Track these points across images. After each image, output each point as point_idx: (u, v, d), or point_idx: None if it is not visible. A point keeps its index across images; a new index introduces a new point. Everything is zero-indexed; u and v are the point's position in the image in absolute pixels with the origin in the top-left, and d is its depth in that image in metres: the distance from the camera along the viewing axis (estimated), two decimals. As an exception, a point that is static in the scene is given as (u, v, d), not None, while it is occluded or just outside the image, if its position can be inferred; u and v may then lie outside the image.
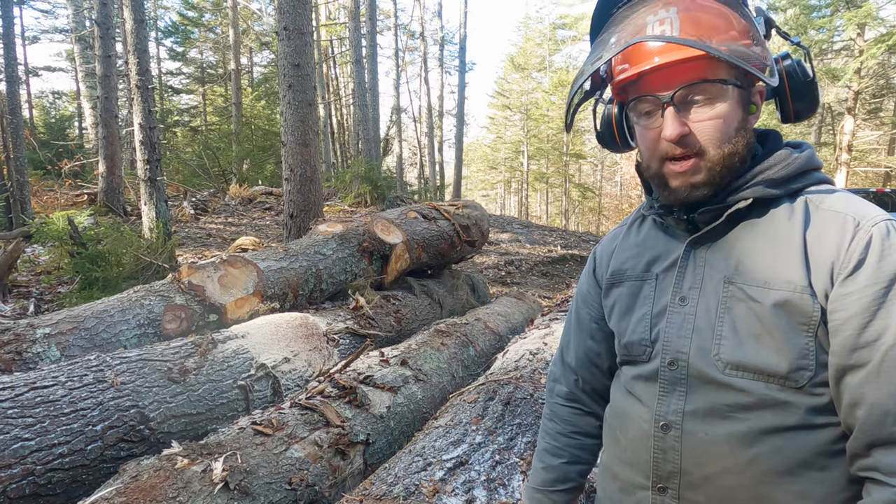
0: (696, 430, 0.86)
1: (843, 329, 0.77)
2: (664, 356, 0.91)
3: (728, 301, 0.86)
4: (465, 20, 20.79)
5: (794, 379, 0.80)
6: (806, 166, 0.90)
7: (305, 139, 5.94)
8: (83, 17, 15.69)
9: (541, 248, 11.47)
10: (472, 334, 3.72)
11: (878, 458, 0.74)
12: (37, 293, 4.94)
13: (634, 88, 0.91)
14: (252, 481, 1.85)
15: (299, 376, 2.82)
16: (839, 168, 16.25)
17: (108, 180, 9.24)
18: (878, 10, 14.25)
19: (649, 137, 0.91)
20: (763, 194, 0.87)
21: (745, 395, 0.82)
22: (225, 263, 3.31)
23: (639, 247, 1.04)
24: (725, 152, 0.86)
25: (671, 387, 0.90)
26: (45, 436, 1.92)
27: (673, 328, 0.91)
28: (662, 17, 0.84)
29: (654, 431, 0.90)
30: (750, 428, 0.82)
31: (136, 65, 6.00)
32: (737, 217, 0.89)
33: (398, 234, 4.32)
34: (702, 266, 0.91)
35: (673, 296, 0.93)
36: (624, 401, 1.01)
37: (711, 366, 0.85)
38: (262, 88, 21.41)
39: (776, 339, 0.81)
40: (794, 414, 0.80)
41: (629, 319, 1.00)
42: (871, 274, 0.76)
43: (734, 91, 0.86)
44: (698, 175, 0.88)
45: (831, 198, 0.86)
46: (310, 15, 6.15)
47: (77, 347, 2.62)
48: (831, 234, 0.81)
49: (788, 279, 0.81)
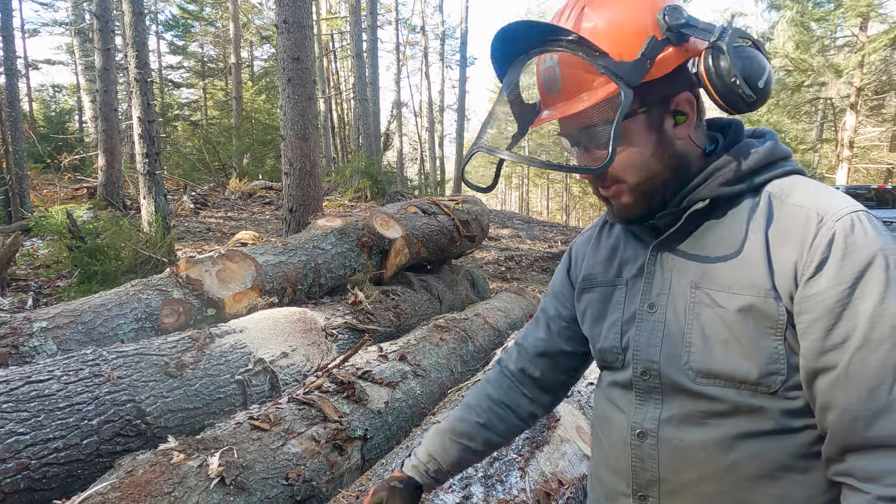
0: (672, 437, 0.85)
1: (810, 332, 0.75)
2: (636, 365, 0.90)
3: (696, 307, 0.83)
4: (466, 14, 20.74)
5: (767, 384, 0.78)
6: (769, 157, 0.86)
7: (305, 133, 5.91)
8: (82, 10, 15.64)
9: (541, 244, 11.45)
10: (471, 330, 3.71)
11: (852, 463, 0.72)
12: (35, 287, 4.93)
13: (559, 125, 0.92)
14: (248, 476, 1.84)
15: (297, 371, 2.81)
16: (840, 164, 16.21)
17: (107, 174, 9.22)
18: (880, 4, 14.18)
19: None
20: (718, 193, 0.84)
21: (719, 403, 0.81)
22: (223, 258, 3.29)
23: (609, 251, 1.02)
24: (644, 177, 0.85)
25: (647, 395, 0.89)
26: (41, 430, 1.91)
27: (643, 336, 0.89)
28: (548, 65, 0.85)
29: (630, 440, 0.89)
30: (725, 434, 0.80)
31: (134, 58, 5.97)
32: (699, 217, 0.87)
33: (398, 229, 4.30)
34: (669, 271, 0.89)
35: (642, 302, 0.91)
36: (605, 406, 0.99)
37: (682, 374, 0.84)
38: (263, 82, 21.37)
39: (744, 345, 0.79)
40: (770, 419, 0.78)
41: (601, 325, 0.98)
42: (835, 274, 0.73)
43: (636, 120, 0.84)
44: (624, 198, 0.88)
45: (797, 191, 0.82)
46: (309, 8, 6.12)
47: (74, 342, 2.60)
48: (794, 231, 0.78)
49: (752, 283, 0.79)
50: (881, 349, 0.70)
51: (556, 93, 0.85)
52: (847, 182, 15.93)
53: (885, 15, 14.83)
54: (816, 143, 19.91)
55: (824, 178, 18.38)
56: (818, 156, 20.45)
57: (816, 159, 20.21)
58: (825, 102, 18.80)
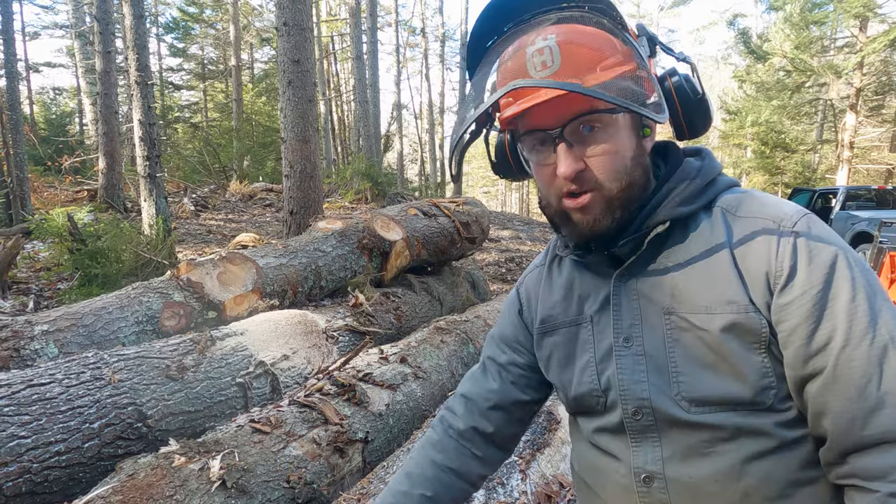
0: (681, 475, 0.80)
1: (793, 340, 0.74)
2: (625, 406, 0.84)
3: (673, 333, 0.81)
4: (466, 16, 20.74)
5: (762, 401, 0.76)
6: (712, 174, 0.86)
7: (305, 135, 5.92)
8: (83, 13, 15.65)
9: (542, 246, 11.45)
10: (472, 332, 3.71)
11: (854, 464, 0.71)
12: (36, 289, 4.93)
13: (524, 122, 0.84)
14: (250, 479, 1.84)
15: (298, 374, 2.81)
16: (841, 165, 16.20)
17: (108, 177, 9.23)
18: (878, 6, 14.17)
19: (545, 174, 0.85)
20: (678, 214, 0.83)
21: (719, 430, 0.78)
22: (224, 260, 3.30)
23: (564, 288, 0.97)
24: (623, 184, 0.81)
25: (642, 436, 0.84)
26: (42, 433, 1.91)
27: (626, 373, 0.84)
28: (541, 46, 0.78)
29: (636, 487, 0.84)
30: (734, 460, 0.77)
31: (135, 61, 5.98)
32: (659, 242, 0.84)
33: (398, 231, 4.30)
34: (636, 300, 0.85)
35: (616, 337, 0.86)
36: (592, 455, 0.93)
37: (676, 407, 0.80)
38: (263, 85, 21.40)
39: (732, 365, 0.77)
40: (772, 436, 0.77)
41: (572, 370, 0.93)
42: (806, 279, 0.73)
43: (625, 118, 0.81)
44: (596, 208, 0.82)
45: (745, 203, 0.82)
46: (310, 11, 6.13)
47: (75, 344, 2.61)
48: (756, 243, 0.78)
49: (729, 300, 0.77)
50: (862, 346, 0.71)
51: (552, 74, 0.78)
52: (847, 183, 15.93)
53: (885, 16, 14.83)
54: (816, 144, 19.92)
55: (825, 178, 18.37)
56: (818, 156, 20.45)
57: (816, 160, 20.21)
58: (825, 103, 18.80)
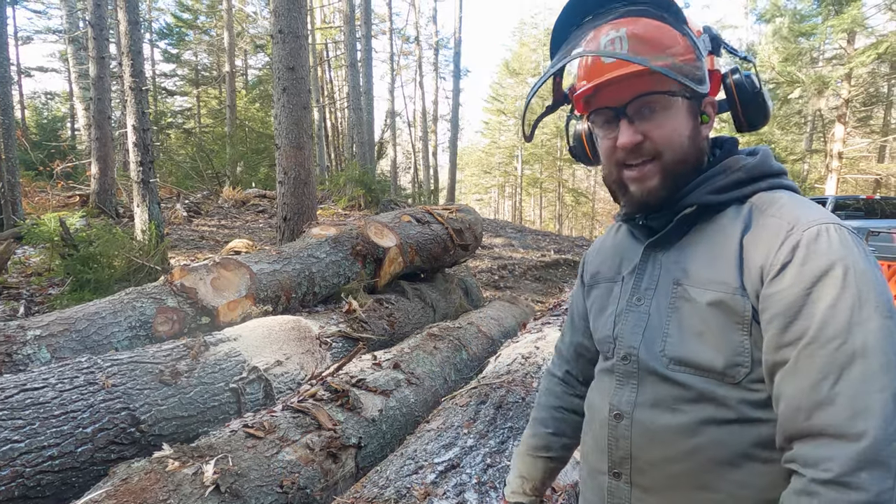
0: (644, 419, 0.92)
1: (770, 328, 0.81)
2: (618, 351, 0.99)
3: (676, 301, 0.92)
4: (459, 25, 20.84)
5: (731, 375, 0.85)
6: (756, 172, 0.94)
7: (300, 142, 5.94)
8: (77, 18, 15.58)
9: (534, 253, 11.49)
10: (464, 338, 3.73)
11: (797, 450, 0.77)
12: (27, 295, 4.90)
13: (593, 101, 0.98)
14: (243, 484, 1.84)
15: (291, 379, 2.82)
16: (830, 175, 16.37)
17: (100, 182, 9.19)
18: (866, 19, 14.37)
19: (607, 146, 0.98)
20: (705, 201, 0.93)
21: (687, 390, 0.88)
22: (218, 266, 3.30)
23: (613, 250, 1.11)
24: (677, 158, 0.93)
25: (625, 379, 0.97)
26: (35, 438, 1.91)
27: (628, 325, 0.98)
28: (613, 37, 0.92)
29: (608, 420, 0.97)
30: (690, 420, 0.87)
31: (130, 66, 5.98)
32: (688, 221, 0.95)
33: (392, 238, 4.32)
34: (657, 268, 0.97)
35: (631, 296, 1.00)
36: (593, 391, 1.08)
37: (657, 360, 0.92)
38: (257, 91, 21.40)
39: (715, 337, 0.86)
40: (732, 408, 0.85)
41: (601, 318, 1.07)
42: (795, 275, 0.79)
43: (683, 102, 0.93)
44: (653, 180, 0.94)
45: (776, 204, 0.89)
46: (305, 18, 6.16)
47: (68, 349, 2.60)
48: (765, 238, 0.85)
49: (723, 280, 0.87)
50: (828, 347, 0.75)
51: (619, 58, 0.91)
52: (836, 192, 16.09)
53: (872, 29, 15.04)
54: (806, 154, 20.13)
55: (813, 188, 18.56)
56: (807, 166, 20.65)
57: (806, 170, 20.42)
58: (814, 114, 19.02)
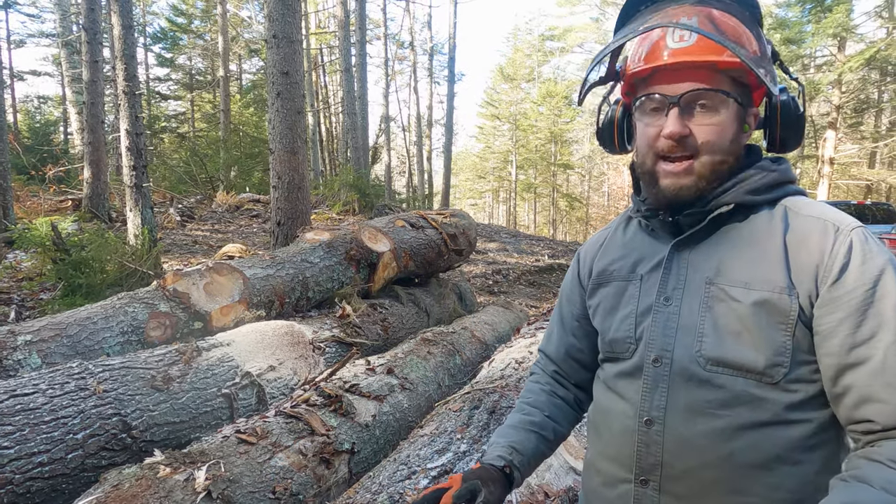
0: (678, 425, 0.90)
1: (839, 330, 0.82)
2: (648, 353, 0.95)
3: (709, 301, 0.91)
4: (454, 31, 20.92)
5: (770, 374, 0.85)
6: (782, 178, 0.96)
7: (294, 147, 5.94)
8: (70, 22, 15.56)
9: (528, 258, 11.51)
10: (458, 343, 3.73)
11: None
12: (18, 300, 4.86)
13: (645, 85, 0.97)
14: (235, 490, 1.83)
15: (284, 384, 2.81)
16: (821, 180, 16.51)
17: (93, 186, 9.15)
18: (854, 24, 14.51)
19: (649, 134, 0.96)
20: (744, 200, 0.93)
21: (724, 392, 0.87)
22: (211, 271, 3.29)
23: (625, 248, 1.08)
24: (717, 159, 0.92)
25: (655, 383, 0.94)
26: (25, 444, 1.89)
27: (658, 327, 0.95)
28: (685, 23, 0.90)
29: (637, 426, 0.94)
30: (728, 424, 0.86)
31: (123, 70, 5.96)
32: (719, 221, 0.95)
33: (385, 243, 4.32)
34: (685, 267, 0.96)
35: (658, 296, 0.97)
36: (606, 398, 1.04)
37: (694, 362, 0.90)
38: (251, 95, 21.38)
39: (755, 336, 0.86)
40: (769, 410, 0.85)
41: (614, 318, 1.04)
42: (857, 276, 0.81)
43: (734, 105, 0.92)
44: (688, 177, 0.93)
45: (809, 206, 0.92)
46: (299, 23, 6.17)
47: (59, 355, 2.58)
48: (814, 238, 0.86)
49: (768, 279, 0.87)
50: None
51: (686, 47, 0.91)
52: (828, 198, 16.21)
53: (862, 35, 15.22)
54: (798, 160, 20.30)
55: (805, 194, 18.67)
56: (800, 171, 20.83)
57: (798, 175, 20.59)
58: (806, 120, 19.17)
